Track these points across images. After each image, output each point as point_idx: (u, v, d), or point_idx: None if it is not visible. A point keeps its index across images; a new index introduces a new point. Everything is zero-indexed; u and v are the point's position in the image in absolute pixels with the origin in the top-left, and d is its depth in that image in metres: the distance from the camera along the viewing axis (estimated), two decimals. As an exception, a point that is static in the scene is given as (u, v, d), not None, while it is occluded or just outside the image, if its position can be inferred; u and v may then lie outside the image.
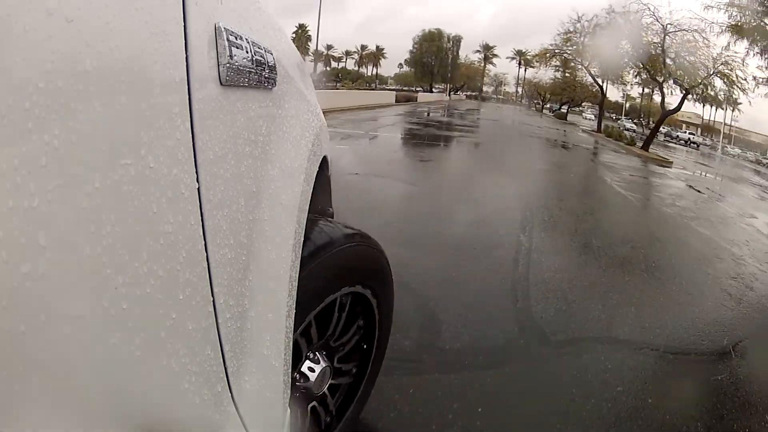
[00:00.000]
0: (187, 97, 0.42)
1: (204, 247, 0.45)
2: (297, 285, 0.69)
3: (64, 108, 0.28)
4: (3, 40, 0.25)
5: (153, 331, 0.37)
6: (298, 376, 0.89)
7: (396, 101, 25.02)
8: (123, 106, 0.34)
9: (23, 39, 0.26)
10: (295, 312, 0.68)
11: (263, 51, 0.63)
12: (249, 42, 0.57)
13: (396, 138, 10.28)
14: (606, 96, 25.62)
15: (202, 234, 0.44)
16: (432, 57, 49.89)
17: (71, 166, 0.29)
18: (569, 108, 34.36)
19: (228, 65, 0.50)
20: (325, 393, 1.00)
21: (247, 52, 0.56)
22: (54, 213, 0.28)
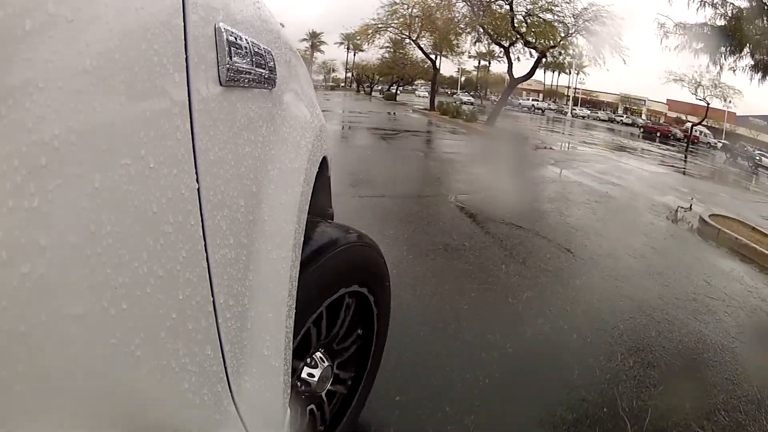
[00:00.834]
0: (187, 97, 0.42)
1: (204, 247, 0.45)
2: (308, 281, 0.69)
3: (64, 108, 0.28)
4: (3, 40, 0.25)
5: (153, 331, 0.37)
6: (302, 378, 0.90)
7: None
8: (123, 106, 0.34)
9: (23, 39, 0.26)
10: (307, 310, 0.68)
11: (263, 51, 0.63)
12: (249, 42, 0.57)
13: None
14: (439, 70, 22.81)
15: (202, 234, 0.44)
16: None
17: (71, 166, 0.29)
18: (399, 88, 32.10)
19: (228, 65, 0.50)
20: (330, 390, 1.01)
21: (247, 52, 0.56)
22: (54, 213, 0.28)
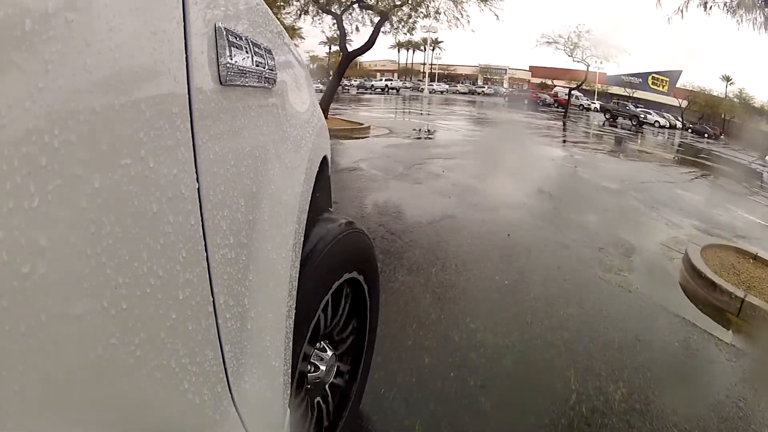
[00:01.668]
0: (187, 97, 0.42)
1: (204, 247, 0.45)
2: (311, 275, 0.69)
3: (64, 108, 0.28)
4: (3, 40, 0.25)
5: (153, 331, 0.37)
6: (311, 367, 0.91)
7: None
8: (123, 106, 0.34)
9: (23, 39, 0.26)
10: (308, 302, 0.69)
11: (263, 51, 0.63)
12: (249, 42, 0.57)
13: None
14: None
15: (202, 234, 0.44)
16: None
17: (71, 166, 0.29)
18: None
19: (228, 65, 0.50)
20: (333, 382, 1.02)
21: (247, 52, 0.56)
22: (54, 213, 0.28)
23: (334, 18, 11.25)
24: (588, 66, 21.19)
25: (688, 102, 33.50)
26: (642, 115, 26.97)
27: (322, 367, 0.95)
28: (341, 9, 11.06)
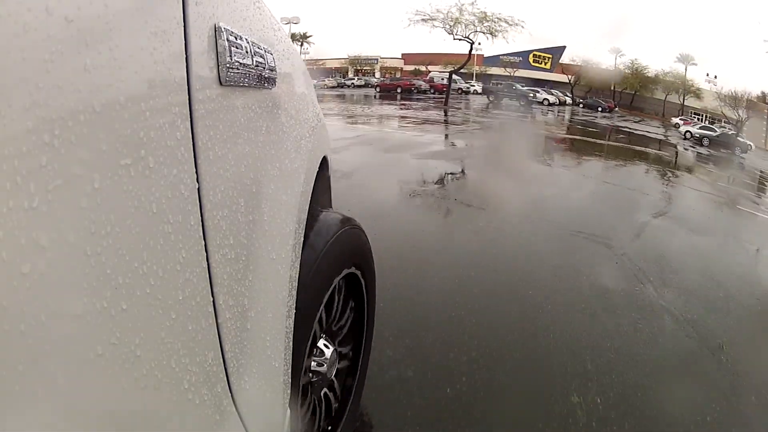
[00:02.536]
0: (187, 97, 0.42)
1: (204, 247, 0.45)
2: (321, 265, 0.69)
3: (63, 108, 0.28)
4: (3, 40, 0.25)
5: (153, 331, 0.37)
6: (315, 364, 0.91)
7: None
8: (123, 106, 0.34)
9: (23, 39, 0.26)
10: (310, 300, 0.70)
11: (263, 51, 0.63)
12: (249, 42, 0.57)
13: None
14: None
15: (202, 234, 0.44)
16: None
17: (71, 166, 0.29)
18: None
19: (228, 65, 0.50)
20: (333, 378, 1.02)
21: (247, 52, 0.56)
22: (54, 213, 0.28)
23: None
24: (472, 43, 18.16)
25: (577, 77, 32.57)
26: (531, 94, 25.30)
27: (325, 363, 0.96)
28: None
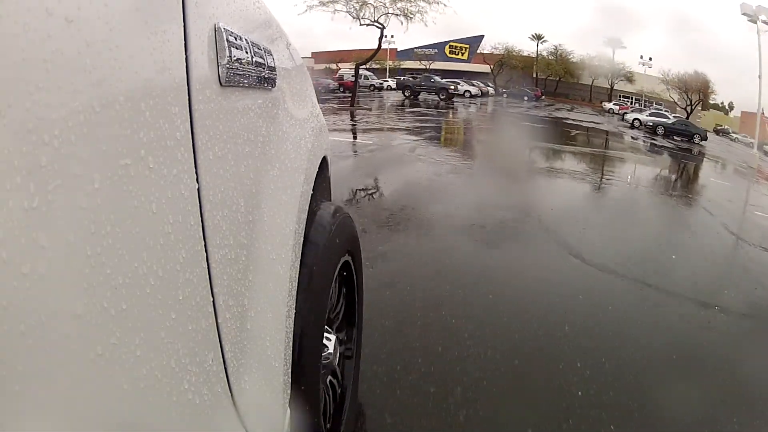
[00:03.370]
0: (187, 97, 0.42)
1: (204, 247, 0.45)
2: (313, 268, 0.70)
3: (64, 108, 0.28)
4: (3, 40, 0.25)
5: (153, 331, 0.37)
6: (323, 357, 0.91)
7: None
8: (123, 105, 0.34)
9: (23, 39, 0.26)
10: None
11: (263, 51, 0.63)
12: (249, 42, 0.57)
13: None
14: None
15: (202, 234, 0.44)
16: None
17: (71, 166, 0.29)
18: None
19: (228, 65, 0.50)
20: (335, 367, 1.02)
21: (247, 52, 0.56)
22: (54, 213, 0.28)
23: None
24: (383, 29, 14.99)
25: (500, 66, 31.34)
26: (452, 87, 22.92)
27: (330, 355, 0.96)
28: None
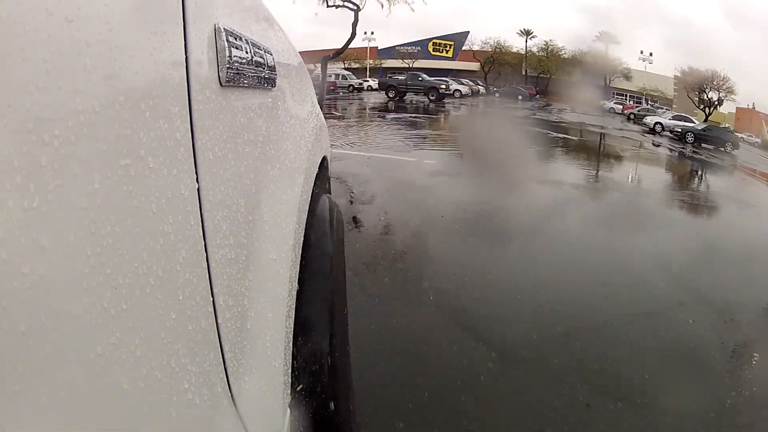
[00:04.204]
0: (187, 97, 0.42)
1: (204, 247, 0.45)
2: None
3: (64, 108, 0.28)
4: (3, 40, 0.25)
5: (153, 331, 0.37)
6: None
7: None
8: (123, 105, 0.34)
9: (23, 39, 0.26)
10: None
11: (263, 51, 0.63)
12: (249, 42, 0.57)
13: None
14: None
15: (202, 234, 0.44)
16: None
17: (71, 166, 0.29)
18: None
19: (227, 65, 0.50)
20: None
21: (247, 52, 0.56)
22: (54, 213, 0.28)
23: None
24: (357, 11, 13.46)
25: (491, 63, 30.16)
26: (442, 86, 21.19)
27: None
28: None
